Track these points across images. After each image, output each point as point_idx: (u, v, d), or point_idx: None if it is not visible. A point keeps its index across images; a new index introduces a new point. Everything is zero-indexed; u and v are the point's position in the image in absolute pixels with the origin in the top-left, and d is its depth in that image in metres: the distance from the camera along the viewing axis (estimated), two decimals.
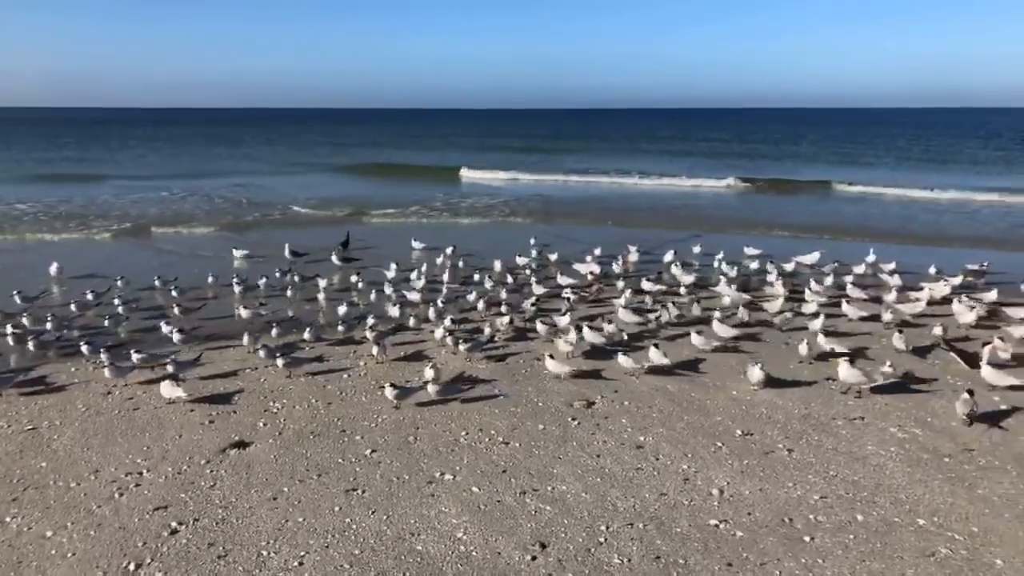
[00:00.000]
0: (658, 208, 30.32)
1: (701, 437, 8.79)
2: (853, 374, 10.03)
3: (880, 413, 9.49)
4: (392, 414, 9.47)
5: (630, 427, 9.08)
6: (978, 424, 9.10)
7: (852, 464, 8.08)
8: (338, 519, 6.96)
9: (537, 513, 7.07)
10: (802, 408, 9.66)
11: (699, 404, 9.82)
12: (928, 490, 7.51)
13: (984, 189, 34.87)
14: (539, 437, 8.78)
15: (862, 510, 7.12)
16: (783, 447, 8.50)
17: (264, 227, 25.77)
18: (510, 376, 10.86)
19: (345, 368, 11.30)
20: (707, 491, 7.49)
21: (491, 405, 9.79)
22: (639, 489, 7.54)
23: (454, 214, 28.94)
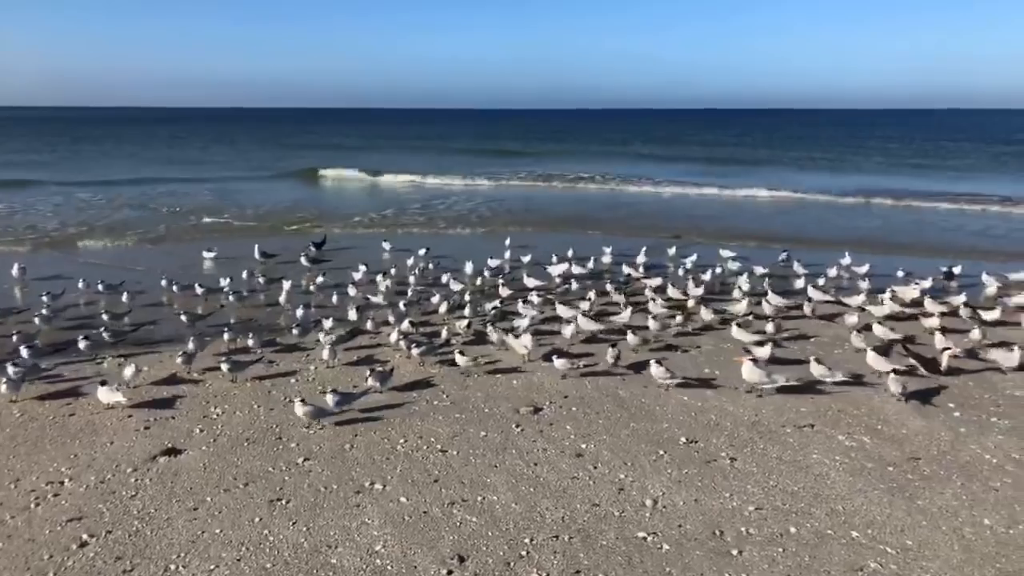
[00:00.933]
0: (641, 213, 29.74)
1: (644, 445, 8.60)
2: (756, 374, 9.98)
3: (831, 420, 9.32)
4: (334, 420, 9.26)
5: (574, 434, 8.89)
6: (926, 431, 8.92)
7: (794, 474, 7.90)
8: (256, 530, 6.76)
9: (462, 525, 6.88)
10: (752, 415, 9.48)
11: (648, 410, 9.64)
12: (867, 500, 7.33)
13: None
14: (479, 444, 8.59)
15: (796, 522, 6.94)
16: (726, 455, 8.32)
17: (183, 239, 23.02)
18: (460, 381, 10.67)
19: (294, 372, 11.08)
20: (641, 501, 7.30)
21: (435, 411, 9.59)
22: (571, 499, 7.35)
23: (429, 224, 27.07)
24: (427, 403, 9.87)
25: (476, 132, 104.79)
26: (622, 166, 49.73)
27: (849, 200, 32.51)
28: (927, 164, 52.58)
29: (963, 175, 44.44)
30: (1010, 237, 23.96)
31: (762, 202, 32.90)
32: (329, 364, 11.28)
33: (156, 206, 30.02)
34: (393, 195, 36.11)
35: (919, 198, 31.89)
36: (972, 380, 10.75)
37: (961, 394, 10.22)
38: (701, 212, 29.18)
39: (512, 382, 10.66)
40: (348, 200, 34.90)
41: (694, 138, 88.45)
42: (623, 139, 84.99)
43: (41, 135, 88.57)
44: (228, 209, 29.44)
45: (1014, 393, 10.23)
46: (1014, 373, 10.91)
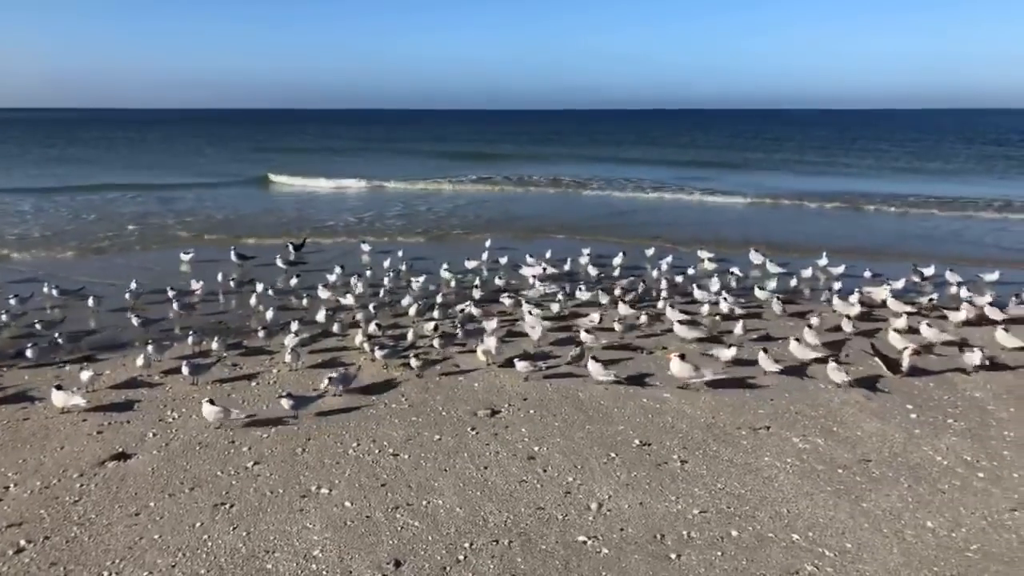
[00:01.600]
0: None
1: (597, 447, 8.59)
2: (685, 369, 10.12)
3: (788, 422, 9.32)
4: (288, 424, 9.23)
5: (528, 437, 8.87)
6: (881, 433, 8.93)
7: (743, 476, 7.89)
8: (195, 536, 6.73)
9: (403, 529, 6.85)
10: (709, 416, 9.48)
11: (606, 412, 9.62)
12: (812, 503, 7.32)
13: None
14: (431, 448, 8.57)
15: (739, 525, 6.93)
16: (678, 458, 8.31)
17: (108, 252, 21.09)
18: (422, 384, 10.64)
19: (257, 375, 11.04)
20: (586, 505, 7.29)
21: (393, 414, 9.57)
22: (517, 503, 7.33)
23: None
24: (385, 406, 9.84)
25: (460, 134, 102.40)
26: (603, 168, 49.44)
27: (828, 205, 31.74)
28: (912, 167, 52.34)
29: (949, 177, 44.42)
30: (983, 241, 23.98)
31: (741, 207, 32.31)
32: (292, 367, 11.23)
33: (87, 214, 27.52)
34: (335, 203, 32.79)
35: (903, 203, 31.45)
36: (934, 381, 10.77)
37: (921, 395, 10.23)
38: (682, 218, 28.49)
39: (474, 385, 10.63)
40: (279, 211, 30.20)
41: (685, 139, 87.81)
42: (616, 140, 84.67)
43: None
44: (163, 218, 27.03)
45: (973, 394, 10.24)
46: (976, 375, 10.91)
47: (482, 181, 41.23)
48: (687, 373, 10.17)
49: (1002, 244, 22.67)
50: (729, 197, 34.07)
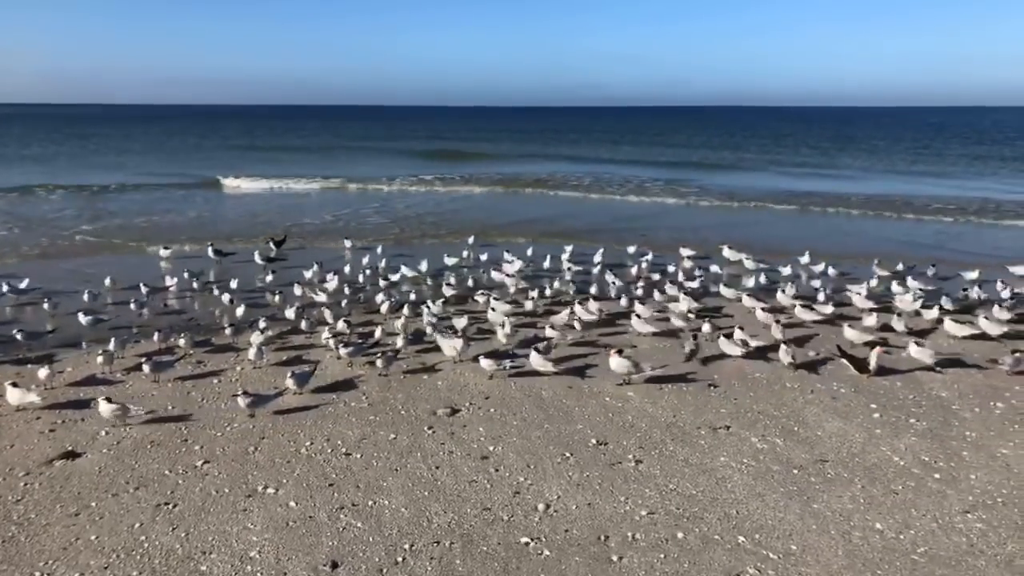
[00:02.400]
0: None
1: (553, 447, 8.49)
2: (622, 364, 10.16)
3: (749, 422, 9.23)
4: (244, 422, 9.15)
5: (484, 436, 8.78)
6: (841, 433, 8.85)
7: (696, 477, 7.80)
8: (133, 537, 6.63)
9: (345, 530, 6.76)
10: (670, 415, 9.39)
11: (566, 410, 9.53)
12: (763, 504, 7.23)
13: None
14: (385, 447, 8.47)
15: (686, 527, 6.84)
16: (633, 458, 8.22)
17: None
18: (384, 382, 10.55)
19: (220, 372, 10.94)
20: (533, 505, 7.20)
21: (351, 413, 9.47)
22: (464, 503, 7.24)
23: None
24: (345, 405, 9.75)
25: (444, 131, 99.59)
26: (589, 166, 48.98)
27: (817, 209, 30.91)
28: (908, 171, 52.08)
29: (942, 179, 44.26)
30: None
31: (721, 209, 31.32)
32: (255, 365, 11.13)
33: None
34: (273, 206, 30.35)
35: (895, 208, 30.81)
36: (901, 380, 10.68)
37: (886, 394, 10.14)
38: (663, 222, 26.87)
39: (437, 383, 10.54)
40: (218, 215, 27.99)
41: (680, 139, 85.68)
42: (612, 139, 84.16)
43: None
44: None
45: (939, 393, 10.16)
46: (944, 374, 10.84)
47: (450, 181, 39.16)
48: (624, 369, 10.22)
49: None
50: (713, 199, 32.90)
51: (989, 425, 9.08)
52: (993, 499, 7.32)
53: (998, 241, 22.97)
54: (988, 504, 7.22)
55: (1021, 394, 10.10)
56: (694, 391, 10.25)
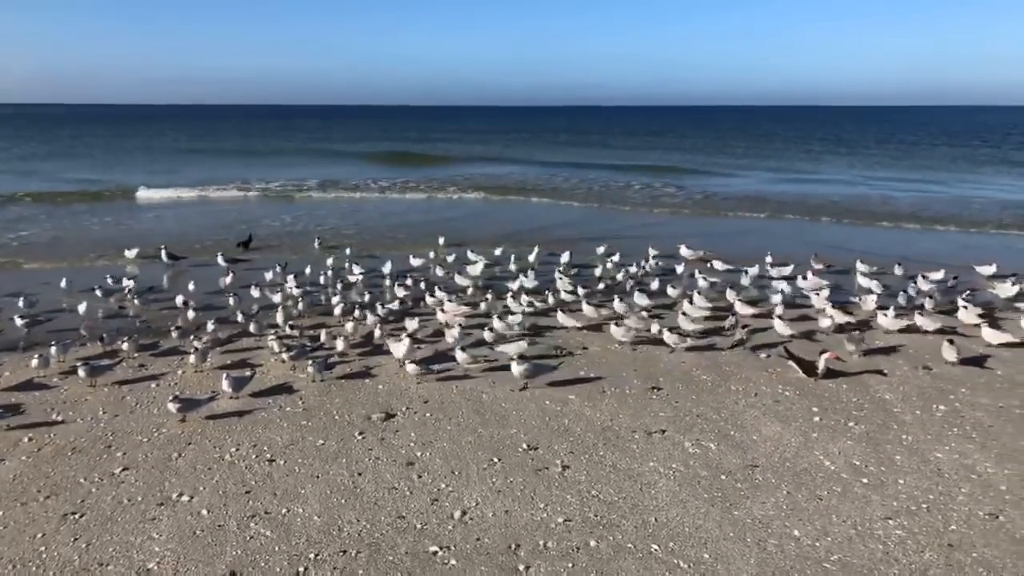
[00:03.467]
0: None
1: (482, 452, 8.37)
2: (520, 370, 10.10)
3: (686, 425, 9.12)
4: (174, 428, 9.00)
5: (415, 441, 8.65)
6: (777, 437, 8.76)
7: (621, 483, 7.68)
8: (33, 547, 6.49)
9: (252, 539, 6.62)
10: (607, 419, 9.27)
11: (503, 414, 9.41)
12: (684, 511, 7.11)
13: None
14: (311, 453, 8.33)
15: (600, 535, 6.72)
16: (560, 463, 8.09)
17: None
18: (324, 387, 10.40)
19: (161, 376, 10.79)
20: (450, 513, 7.07)
21: (284, 418, 9.33)
22: (379, 511, 7.10)
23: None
24: (280, 409, 9.61)
25: (399, 132, 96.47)
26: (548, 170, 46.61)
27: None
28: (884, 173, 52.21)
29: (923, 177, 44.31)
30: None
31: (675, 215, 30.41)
32: (197, 368, 10.97)
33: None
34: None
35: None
36: (848, 383, 10.59)
37: (831, 397, 10.04)
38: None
39: (378, 387, 10.41)
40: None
41: (665, 141, 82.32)
42: (603, 140, 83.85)
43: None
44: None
45: (884, 396, 10.06)
46: (893, 375, 10.76)
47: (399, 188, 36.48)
48: (521, 374, 10.14)
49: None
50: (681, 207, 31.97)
51: (928, 428, 8.98)
52: (918, 505, 7.21)
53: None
54: (912, 510, 7.11)
55: (966, 396, 10.01)
56: (636, 394, 10.14)
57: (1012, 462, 8.09)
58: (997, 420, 9.23)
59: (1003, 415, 9.38)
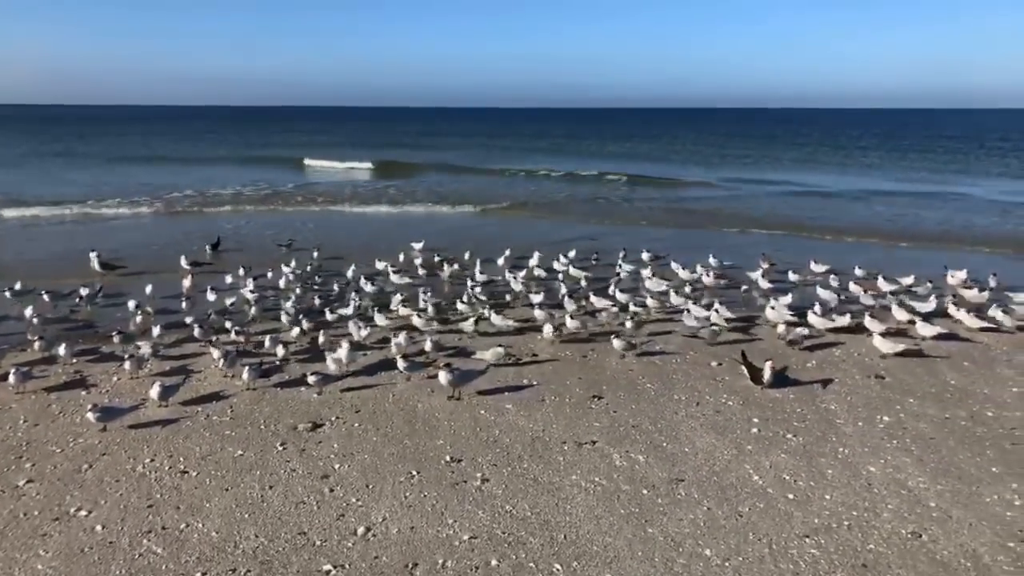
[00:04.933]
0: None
1: (403, 464, 8.13)
2: (445, 378, 9.85)
3: (618, 436, 8.87)
4: (92, 437, 8.77)
5: (336, 453, 8.41)
6: (711, 448, 8.52)
7: (539, 497, 7.43)
8: None
9: (141, 557, 6.40)
10: (540, 429, 9.03)
11: (434, 425, 9.17)
12: (596, 528, 6.87)
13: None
14: (227, 465, 8.10)
15: (504, 553, 6.47)
16: (481, 476, 7.85)
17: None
18: (257, 395, 10.17)
19: (95, 383, 10.56)
20: (354, 529, 6.83)
21: (208, 427, 9.10)
22: (281, 527, 6.87)
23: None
24: (207, 418, 9.37)
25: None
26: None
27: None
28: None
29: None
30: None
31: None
32: (132, 375, 10.74)
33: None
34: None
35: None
36: (796, 391, 10.35)
37: (774, 407, 9.80)
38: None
39: (313, 396, 10.16)
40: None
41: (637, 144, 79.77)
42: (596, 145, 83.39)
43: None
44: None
45: (829, 406, 9.81)
46: (843, 384, 10.52)
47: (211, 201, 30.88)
48: (448, 383, 9.90)
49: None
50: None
51: (866, 441, 8.73)
52: (840, 522, 6.96)
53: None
54: (832, 528, 6.86)
55: (912, 407, 9.76)
56: (576, 403, 9.90)
57: (946, 477, 7.83)
58: (940, 432, 8.98)
59: (947, 427, 9.13)
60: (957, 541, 6.64)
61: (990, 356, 11.91)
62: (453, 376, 9.83)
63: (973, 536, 6.72)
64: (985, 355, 11.97)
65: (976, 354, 12.01)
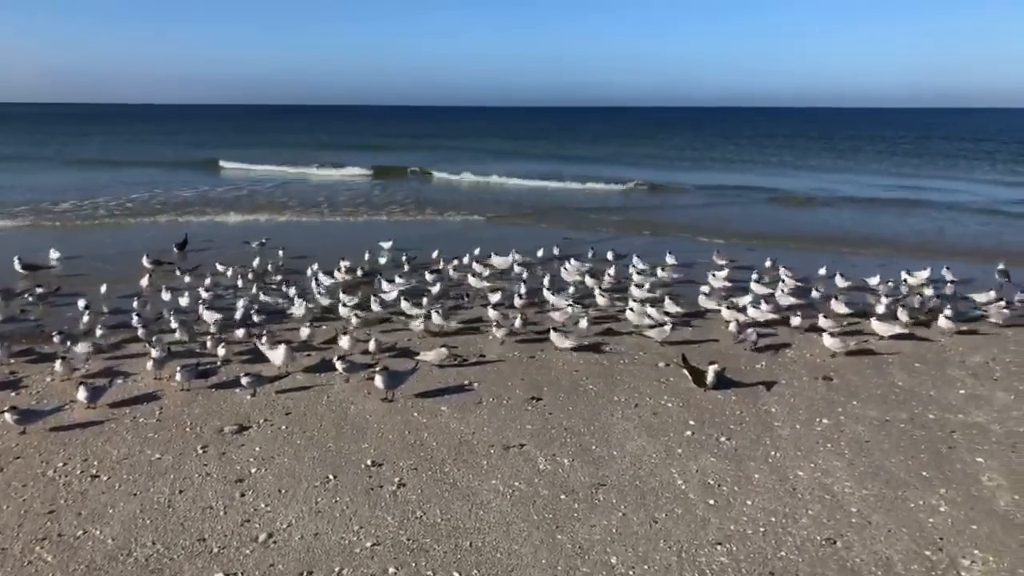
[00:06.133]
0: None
1: (321, 468, 7.95)
2: (379, 380, 9.70)
3: (547, 439, 8.71)
4: (9, 440, 8.59)
5: (256, 456, 8.23)
6: (640, 452, 8.37)
7: (454, 502, 7.26)
8: None
9: (29, 565, 6.22)
10: (471, 432, 8.86)
11: (363, 427, 9.00)
12: (505, 535, 6.70)
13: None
14: (141, 469, 7.92)
15: (404, 561, 6.30)
16: (399, 481, 7.67)
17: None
18: (189, 396, 9.98)
19: (25, 384, 10.37)
20: (255, 536, 6.66)
21: (132, 429, 8.92)
22: (181, 533, 6.69)
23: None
24: (132, 420, 9.19)
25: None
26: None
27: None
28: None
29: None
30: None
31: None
32: (64, 376, 10.54)
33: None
34: None
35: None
36: (739, 393, 10.18)
37: (714, 409, 9.64)
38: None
39: (246, 397, 9.97)
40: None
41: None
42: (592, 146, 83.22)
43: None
44: None
45: (770, 409, 9.65)
46: (790, 385, 10.36)
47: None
48: (381, 385, 9.75)
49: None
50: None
51: (801, 444, 8.57)
52: (756, 528, 6.80)
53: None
54: (747, 534, 6.69)
55: (854, 409, 9.61)
56: (513, 405, 9.73)
57: (874, 481, 7.67)
58: (877, 435, 8.81)
59: (885, 429, 8.97)
60: (872, 548, 6.47)
61: (944, 357, 11.74)
62: (386, 378, 9.64)
63: (889, 543, 6.55)
64: (940, 356, 11.81)
65: (930, 355, 11.85)
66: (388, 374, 9.71)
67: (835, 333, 11.98)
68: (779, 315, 13.07)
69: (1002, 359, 11.59)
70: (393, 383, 9.74)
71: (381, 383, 9.65)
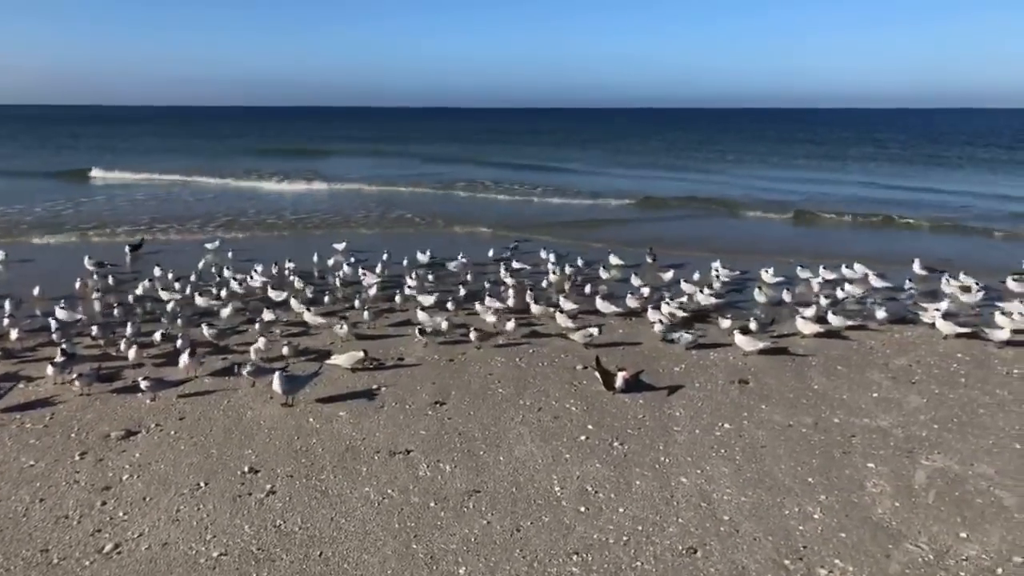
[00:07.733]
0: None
1: (195, 475, 7.79)
2: (277, 384, 9.47)
3: (437, 444, 8.57)
4: None
5: (133, 463, 8.06)
6: (530, 456, 8.19)
7: (318, 511, 7.09)
8: None
9: None
10: (362, 438, 8.73)
11: (252, 433, 8.84)
12: (359, 545, 6.55)
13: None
14: (11, 476, 7.78)
15: (247, 572, 6.16)
16: (270, 488, 7.51)
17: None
18: (86, 401, 9.79)
19: None
20: (102, 546, 6.51)
21: (16, 434, 8.77)
22: (26, 543, 6.54)
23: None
24: (19, 426, 9.01)
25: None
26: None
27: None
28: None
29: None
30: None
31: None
32: None
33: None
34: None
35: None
36: (647, 397, 10.03)
37: (617, 412, 9.49)
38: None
39: (146, 402, 9.79)
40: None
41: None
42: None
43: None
44: None
45: (675, 412, 9.49)
46: (703, 389, 10.21)
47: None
48: (278, 389, 9.59)
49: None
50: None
51: (694, 450, 8.40)
52: (619, 537, 6.63)
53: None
54: (608, 544, 6.52)
55: (761, 413, 9.46)
56: (415, 409, 9.56)
57: (756, 488, 7.50)
58: (775, 440, 8.65)
59: (784, 434, 8.81)
60: (731, 557, 6.30)
61: (869, 360, 11.59)
62: (283, 383, 9.46)
63: (751, 552, 6.38)
64: (865, 358, 11.65)
65: (856, 357, 11.70)
66: (285, 379, 9.53)
67: (748, 331, 11.88)
68: (694, 312, 13.05)
69: (926, 361, 11.44)
70: (291, 388, 9.56)
71: (279, 387, 9.46)
